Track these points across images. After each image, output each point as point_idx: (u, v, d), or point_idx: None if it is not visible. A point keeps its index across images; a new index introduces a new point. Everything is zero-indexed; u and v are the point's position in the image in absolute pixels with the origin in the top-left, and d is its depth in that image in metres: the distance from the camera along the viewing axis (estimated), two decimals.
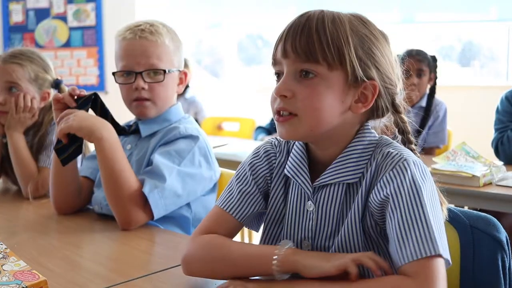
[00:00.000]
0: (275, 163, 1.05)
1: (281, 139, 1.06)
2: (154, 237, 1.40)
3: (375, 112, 0.98)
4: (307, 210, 0.99)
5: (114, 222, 1.44)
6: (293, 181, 1.01)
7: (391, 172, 0.89)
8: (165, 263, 1.16)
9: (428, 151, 3.02)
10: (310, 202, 0.98)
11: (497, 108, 2.56)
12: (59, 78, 1.97)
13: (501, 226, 1.05)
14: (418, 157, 0.97)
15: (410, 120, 1.01)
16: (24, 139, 1.88)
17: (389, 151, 0.92)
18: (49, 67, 1.95)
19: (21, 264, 1.07)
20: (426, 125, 3.02)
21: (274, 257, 0.90)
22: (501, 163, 2.23)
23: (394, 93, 0.98)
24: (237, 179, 1.06)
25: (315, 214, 0.98)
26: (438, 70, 3.07)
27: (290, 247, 0.92)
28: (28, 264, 1.12)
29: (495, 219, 1.05)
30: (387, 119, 1.01)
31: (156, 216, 1.43)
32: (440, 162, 2.11)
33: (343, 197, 0.96)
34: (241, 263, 0.95)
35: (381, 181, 0.90)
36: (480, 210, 2.14)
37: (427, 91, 3.08)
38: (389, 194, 0.88)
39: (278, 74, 0.97)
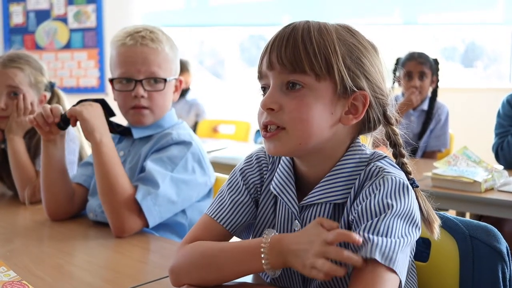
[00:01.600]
0: (266, 174, 1.02)
1: None
2: (148, 245, 1.38)
3: (366, 125, 0.94)
4: (294, 230, 0.96)
5: (109, 229, 1.42)
6: (280, 199, 0.98)
7: (366, 190, 0.87)
8: (159, 272, 1.14)
9: (429, 155, 3.01)
10: (296, 221, 0.96)
11: (498, 112, 2.53)
12: (52, 81, 1.97)
13: (502, 237, 1.02)
14: (409, 171, 0.94)
15: (402, 132, 0.97)
16: (23, 143, 1.87)
17: (370, 168, 0.90)
18: (44, 69, 1.95)
19: (11, 274, 1.06)
20: (427, 129, 3.00)
21: (262, 255, 0.86)
22: (502, 167, 2.21)
23: (385, 103, 0.94)
24: (229, 187, 1.03)
25: None
26: (440, 73, 3.05)
27: (274, 237, 0.87)
28: (20, 272, 1.10)
29: (495, 229, 1.03)
30: (378, 132, 0.97)
31: (151, 224, 1.42)
32: (441, 167, 2.08)
33: (330, 216, 0.93)
34: (228, 264, 0.92)
35: (358, 199, 0.88)
36: (482, 217, 2.14)
37: (429, 94, 3.07)
38: (357, 213, 0.86)
39: (264, 88, 0.94)
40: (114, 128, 1.55)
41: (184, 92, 4.24)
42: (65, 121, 1.47)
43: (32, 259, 1.23)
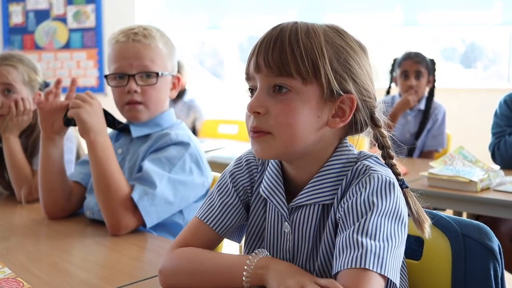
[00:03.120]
0: (256, 175, 1.02)
1: None
2: (145, 243, 1.39)
3: (353, 127, 0.94)
4: (284, 231, 0.96)
5: (106, 227, 1.43)
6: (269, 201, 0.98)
7: (353, 189, 0.88)
8: (154, 270, 1.13)
9: (426, 154, 3.02)
10: (286, 223, 0.96)
11: (496, 112, 2.54)
12: (47, 81, 1.97)
13: (494, 235, 1.03)
14: (398, 173, 0.94)
15: (390, 134, 0.97)
16: (19, 142, 1.87)
17: (357, 167, 0.90)
18: (38, 69, 1.96)
19: (5, 271, 1.06)
20: (424, 128, 3.01)
21: (245, 272, 0.87)
22: (499, 167, 2.21)
23: (373, 106, 0.94)
24: (219, 189, 1.03)
25: (292, 235, 0.95)
26: (438, 73, 3.06)
27: (264, 257, 0.89)
28: (15, 270, 1.11)
29: (487, 227, 1.03)
30: (366, 133, 0.97)
31: (148, 225, 1.42)
32: (437, 167, 2.08)
33: (319, 217, 0.93)
34: (213, 277, 0.93)
35: (345, 197, 0.88)
36: (478, 216, 2.14)
37: (426, 94, 3.07)
38: (343, 211, 0.86)
39: (252, 90, 0.93)
40: (115, 124, 1.57)
41: (181, 94, 4.24)
42: (68, 120, 1.49)
43: (28, 257, 1.23)
